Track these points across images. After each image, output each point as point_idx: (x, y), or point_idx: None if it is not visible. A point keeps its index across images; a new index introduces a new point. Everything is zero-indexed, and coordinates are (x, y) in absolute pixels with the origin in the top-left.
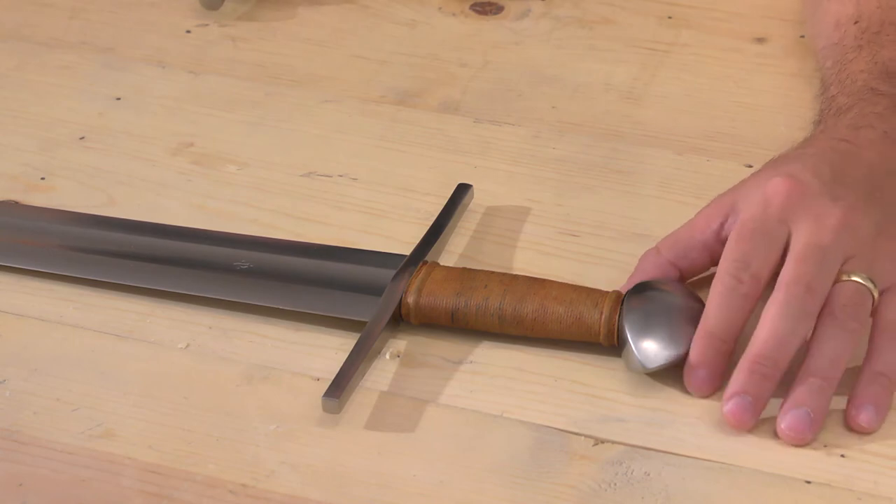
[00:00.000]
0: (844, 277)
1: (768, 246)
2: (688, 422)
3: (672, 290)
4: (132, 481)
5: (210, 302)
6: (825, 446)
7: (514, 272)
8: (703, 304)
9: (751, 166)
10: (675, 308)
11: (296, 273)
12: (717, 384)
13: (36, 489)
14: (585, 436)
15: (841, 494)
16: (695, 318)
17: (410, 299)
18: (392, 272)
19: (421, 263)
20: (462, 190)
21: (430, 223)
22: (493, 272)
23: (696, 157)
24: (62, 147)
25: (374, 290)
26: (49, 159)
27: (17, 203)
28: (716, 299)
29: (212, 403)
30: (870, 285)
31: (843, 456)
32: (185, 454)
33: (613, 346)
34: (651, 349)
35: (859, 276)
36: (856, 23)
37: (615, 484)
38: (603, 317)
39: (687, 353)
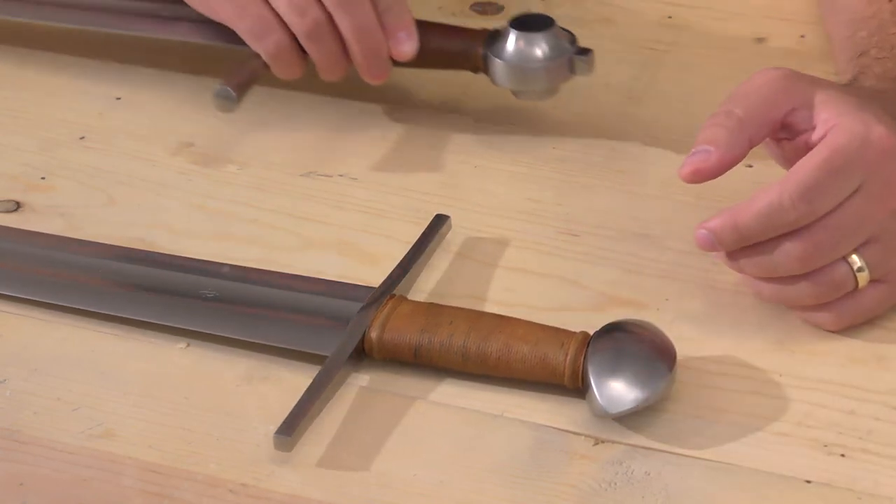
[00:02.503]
0: (853, 257)
1: (842, 189)
2: (688, 421)
3: (641, 332)
4: (133, 481)
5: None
6: (825, 446)
7: (515, 272)
8: (672, 348)
9: (751, 166)
10: (643, 351)
11: (261, 303)
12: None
13: (36, 489)
14: (585, 435)
15: (841, 494)
16: (664, 360)
17: (374, 334)
18: (359, 305)
19: (388, 297)
20: (439, 221)
21: (429, 222)
22: (460, 308)
23: None
24: (62, 147)
25: (339, 323)
26: (49, 159)
27: None
28: (762, 207)
29: (212, 403)
30: (863, 277)
31: (843, 456)
32: (186, 454)
33: (579, 388)
34: (615, 393)
35: (862, 263)
36: (890, 1)
37: (615, 484)
38: (568, 358)
39: (653, 396)
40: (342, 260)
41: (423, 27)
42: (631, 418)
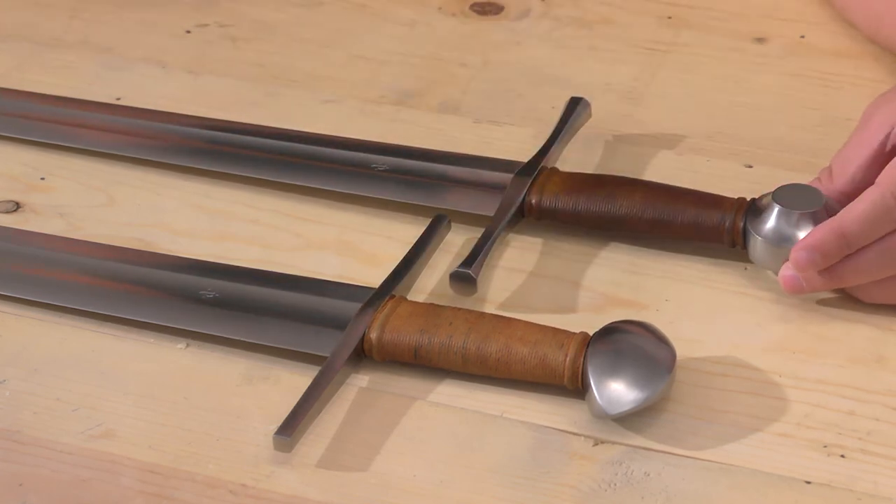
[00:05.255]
0: None
1: None
2: (688, 422)
3: (641, 332)
4: (132, 481)
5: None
6: (825, 446)
7: (515, 273)
8: (672, 349)
9: (750, 166)
10: (643, 351)
11: (261, 304)
12: (816, 270)
13: (36, 489)
14: (585, 436)
15: (841, 494)
16: (664, 361)
17: (374, 335)
18: (358, 305)
19: (388, 298)
20: (438, 221)
21: (428, 223)
22: (460, 309)
23: (696, 157)
24: (62, 147)
25: (338, 324)
26: (49, 159)
27: None
28: (864, 207)
29: (212, 403)
30: None
31: (843, 456)
32: (186, 454)
33: (579, 389)
34: (615, 394)
35: None
36: None
37: (615, 484)
38: (567, 359)
39: (652, 397)
40: (342, 260)
41: (674, 195)
42: (630, 419)
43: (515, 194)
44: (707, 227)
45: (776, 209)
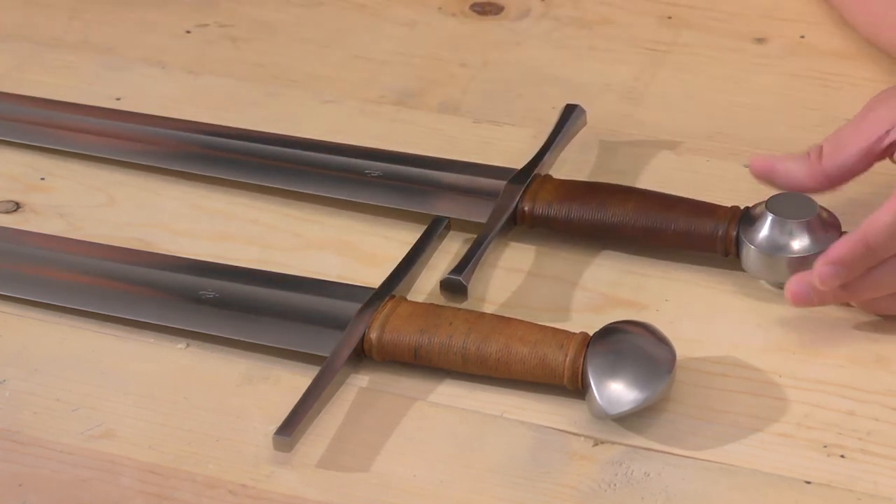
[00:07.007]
0: None
1: None
2: (688, 422)
3: (641, 333)
4: (132, 481)
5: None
6: (825, 446)
7: (514, 273)
8: (672, 349)
9: (748, 167)
10: (643, 351)
11: (261, 304)
12: (836, 284)
13: (36, 489)
14: (585, 436)
15: (841, 495)
16: (664, 361)
17: (373, 335)
18: (358, 306)
19: (388, 298)
20: (438, 222)
21: (428, 223)
22: (460, 309)
23: (696, 158)
24: (62, 147)
25: (338, 324)
26: (49, 159)
27: None
28: (888, 219)
29: (212, 403)
30: None
31: (843, 456)
32: (185, 454)
33: (578, 389)
34: (615, 394)
35: None
36: None
37: (615, 484)
38: (567, 359)
39: (652, 397)
40: (341, 260)
41: (667, 204)
42: (630, 419)
43: (508, 202)
44: (700, 236)
45: (769, 218)
